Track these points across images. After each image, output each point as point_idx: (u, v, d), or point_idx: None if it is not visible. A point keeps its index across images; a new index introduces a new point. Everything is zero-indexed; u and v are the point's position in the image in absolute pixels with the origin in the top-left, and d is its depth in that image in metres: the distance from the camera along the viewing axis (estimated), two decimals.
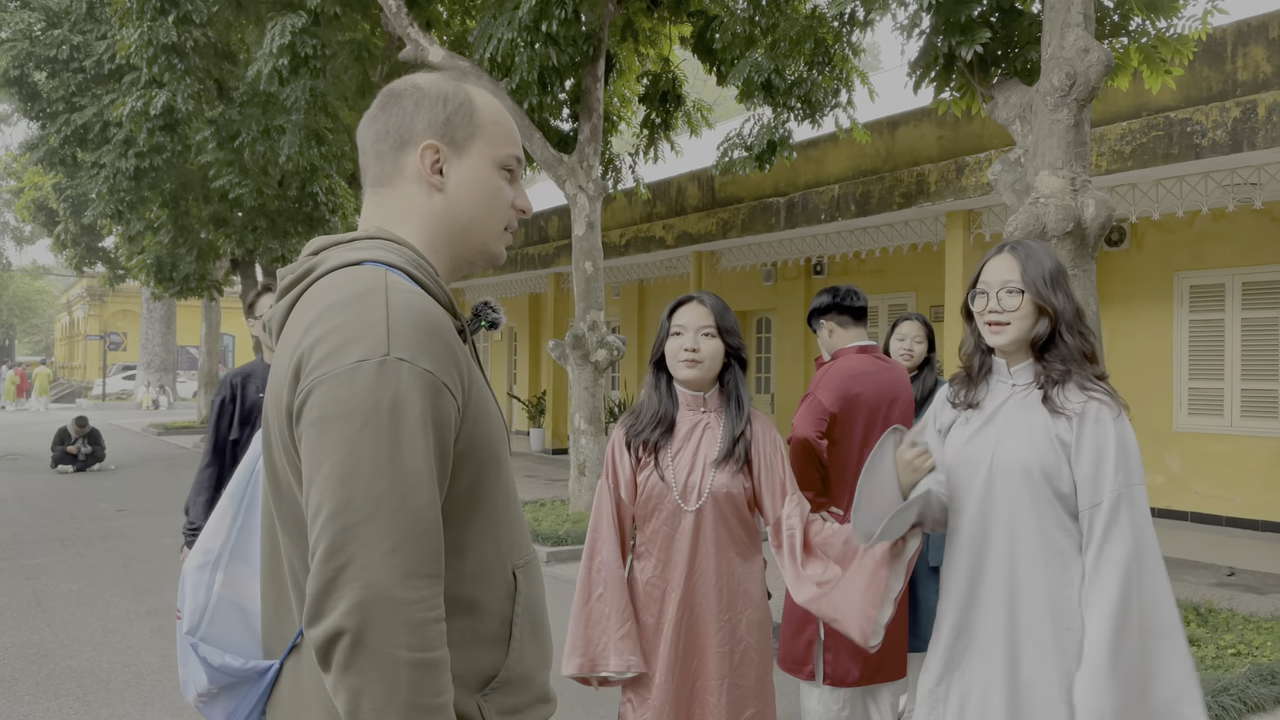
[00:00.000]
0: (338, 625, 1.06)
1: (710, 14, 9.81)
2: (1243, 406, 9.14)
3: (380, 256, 1.26)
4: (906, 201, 9.78)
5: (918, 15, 5.79)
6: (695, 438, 2.59)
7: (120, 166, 14.72)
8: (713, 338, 2.57)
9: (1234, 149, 7.37)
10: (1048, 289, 2.17)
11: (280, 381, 1.20)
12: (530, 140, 9.37)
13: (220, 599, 1.49)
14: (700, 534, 2.53)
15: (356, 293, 1.18)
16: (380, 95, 1.38)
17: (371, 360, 1.11)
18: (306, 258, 1.32)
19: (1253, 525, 9.02)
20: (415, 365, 1.13)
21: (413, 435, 1.11)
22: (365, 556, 1.07)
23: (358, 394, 1.11)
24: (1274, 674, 4.40)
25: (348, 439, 1.10)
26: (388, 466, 1.09)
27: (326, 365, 1.13)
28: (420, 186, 1.33)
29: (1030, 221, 4.96)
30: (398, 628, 1.06)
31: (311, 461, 1.12)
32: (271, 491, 1.27)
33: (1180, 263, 9.54)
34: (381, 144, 1.34)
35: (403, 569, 1.08)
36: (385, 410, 1.10)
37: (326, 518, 1.08)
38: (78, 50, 16.27)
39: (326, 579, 1.07)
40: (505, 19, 8.52)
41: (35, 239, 40.47)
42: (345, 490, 1.08)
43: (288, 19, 9.63)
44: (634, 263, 15.02)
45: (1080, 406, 2.11)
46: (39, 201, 25.70)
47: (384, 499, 1.09)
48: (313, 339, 1.16)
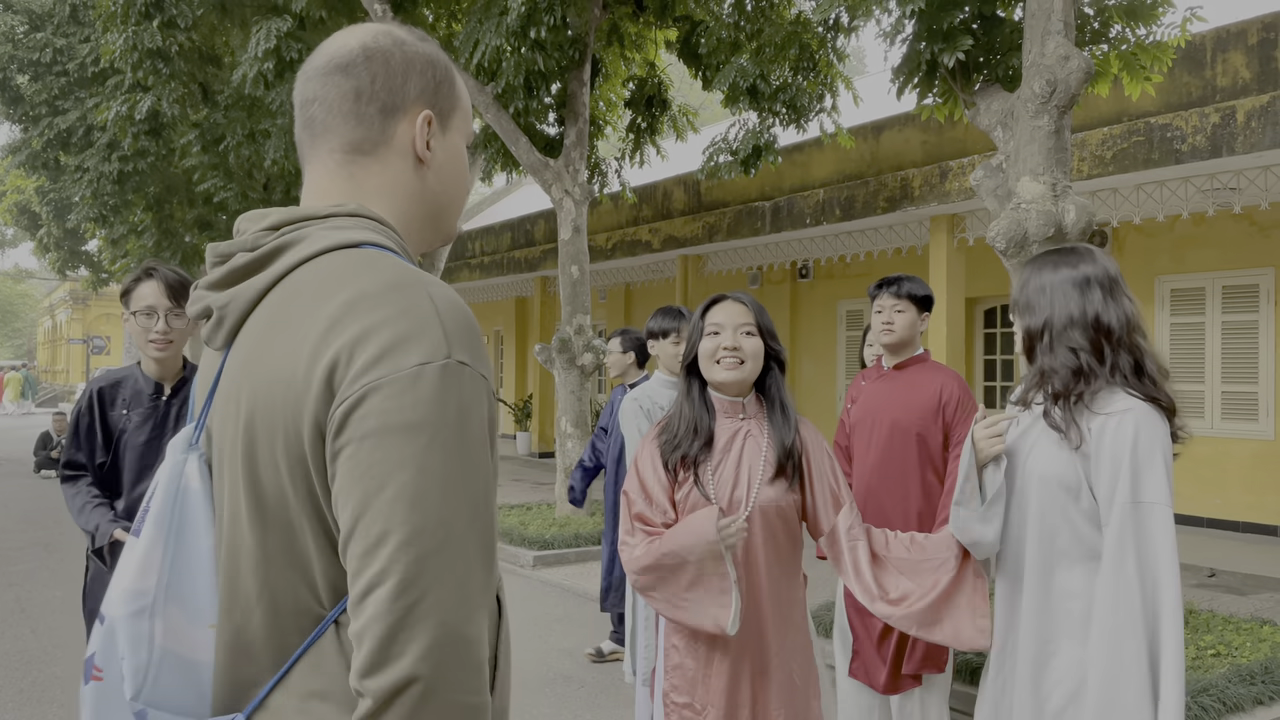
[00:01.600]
0: (411, 672, 0.91)
1: (695, 19, 9.85)
2: (1223, 409, 9.23)
3: (376, 239, 1.09)
4: (891, 206, 9.84)
5: (901, 22, 5.84)
6: (736, 448, 2.37)
7: (104, 170, 14.65)
8: (753, 336, 2.37)
9: (1213, 154, 7.45)
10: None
11: (291, 387, 1.01)
12: (516, 144, 9.38)
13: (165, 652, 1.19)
14: (750, 551, 2.31)
15: (391, 281, 1.01)
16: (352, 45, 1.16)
17: (435, 363, 0.97)
18: (262, 233, 1.12)
19: (1233, 526, 9.11)
20: (475, 369, 1.00)
21: (480, 448, 0.99)
22: (438, 591, 0.93)
23: (424, 401, 0.96)
24: (1253, 674, 4.45)
25: (416, 454, 0.95)
26: (460, 485, 0.97)
27: (382, 368, 0.96)
28: (406, 160, 1.17)
29: (1012, 227, 5.01)
30: (467, 671, 0.94)
31: (368, 481, 0.95)
32: (254, 516, 1.07)
33: (1161, 266, 9.63)
34: (364, 105, 1.14)
35: (471, 603, 0.96)
36: (453, 421, 0.97)
37: (397, 547, 0.93)
38: (61, 54, 16.18)
39: (397, 618, 0.92)
40: (493, 25, 8.53)
41: (17, 242, 40.18)
42: (418, 515, 0.94)
43: (273, 23, 9.62)
44: (620, 266, 15.04)
45: (1103, 418, 2.04)
46: (21, 205, 25.51)
47: (454, 522, 0.96)
48: (350, 336, 0.98)
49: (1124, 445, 2.00)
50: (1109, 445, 2.01)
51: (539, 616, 6.41)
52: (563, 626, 6.21)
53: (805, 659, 2.41)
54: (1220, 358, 9.26)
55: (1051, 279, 2.17)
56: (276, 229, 1.11)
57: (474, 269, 17.82)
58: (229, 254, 1.13)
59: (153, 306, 2.83)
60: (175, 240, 16.63)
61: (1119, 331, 2.11)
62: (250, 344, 1.08)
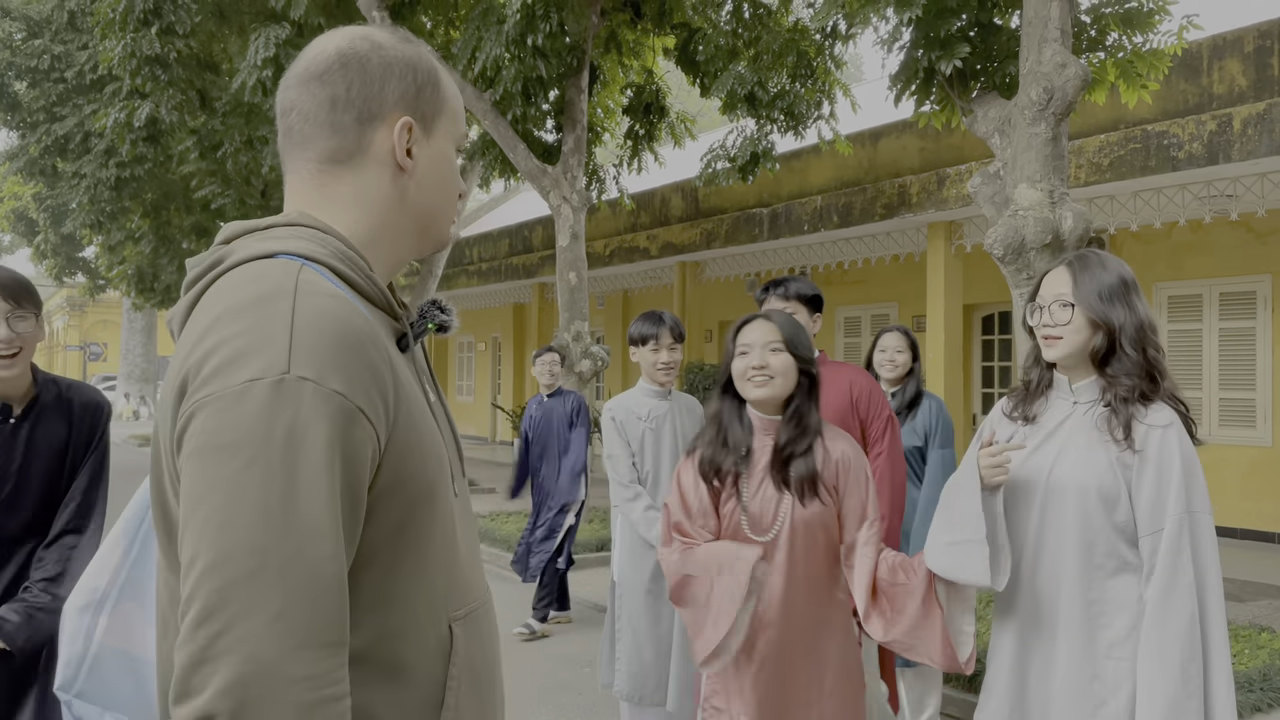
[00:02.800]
0: (208, 708, 0.84)
1: (693, 26, 9.87)
2: (1220, 416, 9.23)
3: (297, 248, 1.04)
4: (888, 213, 9.85)
5: (898, 29, 5.85)
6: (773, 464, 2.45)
7: (101, 176, 14.64)
8: (781, 353, 2.43)
9: (1210, 161, 7.46)
10: (1102, 303, 2.11)
11: (166, 402, 0.99)
12: (514, 151, 9.39)
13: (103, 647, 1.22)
14: (790, 564, 2.37)
15: (258, 295, 0.97)
16: (328, 52, 1.12)
17: (265, 380, 0.91)
18: (217, 247, 1.10)
19: (1231, 534, 9.11)
20: (321, 385, 0.93)
21: (314, 472, 0.91)
22: (246, 623, 0.86)
23: (245, 421, 0.90)
24: (1251, 682, 4.44)
25: (229, 476, 0.89)
26: (279, 511, 0.89)
27: (212, 385, 0.92)
28: (384, 169, 1.12)
29: (1009, 234, 5.01)
30: (285, 711, 0.85)
31: (187, 502, 0.91)
32: (160, 526, 1.05)
33: (1158, 273, 9.64)
34: (339, 114, 1.10)
35: (293, 638, 0.87)
36: (279, 441, 0.90)
37: (201, 573, 0.87)
38: (59, 60, 16.19)
39: (198, 648, 0.86)
40: (491, 32, 8.55)
41: (14, 249, 40.14)
42: (225, 540, 0.88)
43: (271, 30, 9.63)
44: (618, 273, 15.05)
45: (1145, 428, 2.04)
46: (19, 211, 25.51)
47: (272, 551, 0.88)
48: (202, 352, 0.95)
49: (1172, 456, 2.01)
50: (1155, 456, 2.02)
51: None
52: (558, 634, 6.20)
53: (846, 662, 2.45)
54: (1218, 364, 9.27)
55: (1110, 281, 2.13)
56: (227, 240, 1.10)
57: (471, 275, 17.82)
58: (192, 266, 1.12)
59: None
60: (172, 246, 16.62)
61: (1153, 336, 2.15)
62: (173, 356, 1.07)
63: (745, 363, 2.44)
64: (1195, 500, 1.99)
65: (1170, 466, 2.00)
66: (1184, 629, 1.94)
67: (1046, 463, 2.14)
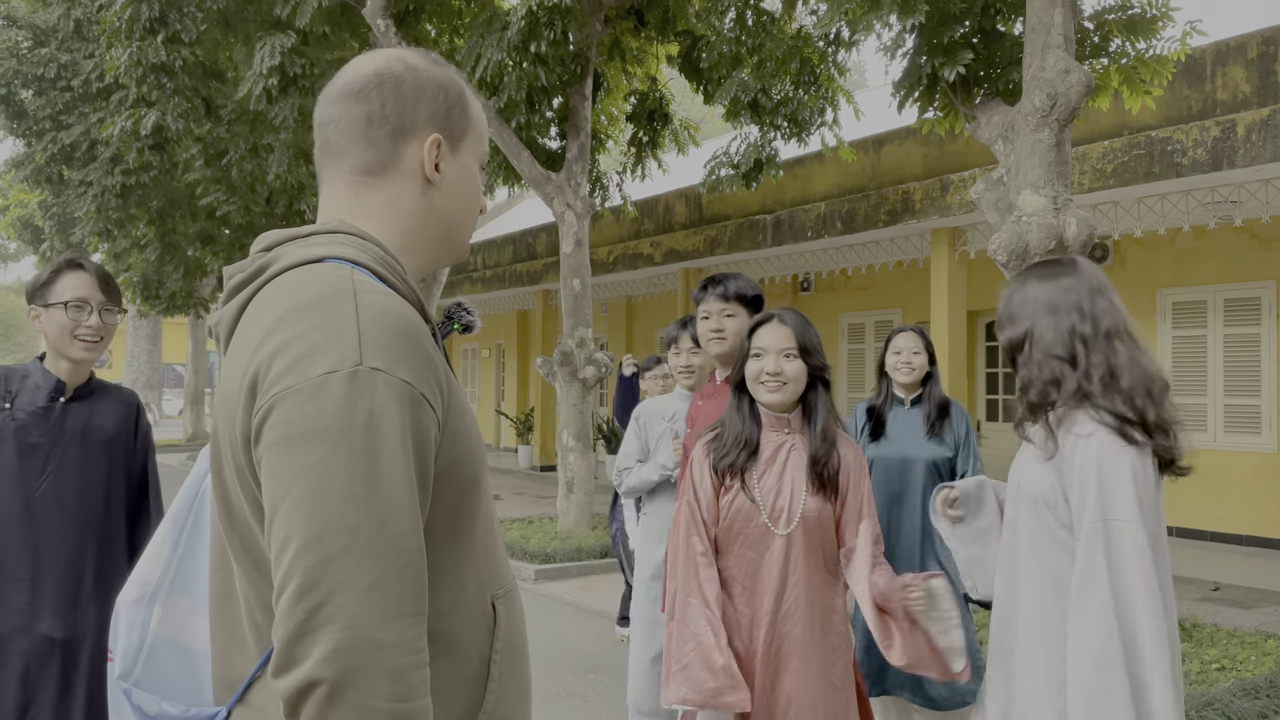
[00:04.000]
0: (312, 675, 0.92)
1: (697, 34, 9.89)
2: (1226, 422, 9.21)
3: (343, 253, 1.12)
4: (892, 219, 9.86)
5: (901, 36, 5.86)
6: (780, 460, 2.50)
7: (107, 184, 14.68)
8: (794, 359, 2.49)
9: (1214, 167, 7.46)
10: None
11: (232, 399, 1.06)
12: (518, 158, 9.41)
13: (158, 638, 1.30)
14: (790, 559, 2.42)
15: (320, 295, 1.04)
16: (367, 71, 1.21)
17: (342, 371, 0.99)
18: (257, 254, 1.17)
19: (1237, 540, 9.08)
20: (391, 375, 1.01)
21: (391, 454, 0.99)
22: (342, 595, 0.93)
23: (328, 410, 0.97)
24: (1258, 689, 4.43)
25: (318, 461, 0.96)
26: (364, 491, 0.96)
27: (290, 378, 0.99)
28: (414, 182, 1.21)
29: (1013, 240, 5.01)
30: (380, 676, 0.93)
31: (276, 488, 0.98)
32: (223, 518, 1.12)
33: (1163, 279, 9.63)
34: (375, 129, 1.19)
35: (383, 608, 0.95)
36: (360, 427, 0.97)
37: (296, 552, 0.94)
38: (65, 69, 16.25)
39: (298, 622, 0.93)
40: (495, 39, 8.57)
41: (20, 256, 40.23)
42: (317, 520, 0.95)
43: (277, 38, 9.67)
44: (622, 280, 15.06)
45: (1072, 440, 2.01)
46: (25, 219, 25.59)
47: (361, 527, 0.95)
48: (271, 349, 1.02)
49: (1090, 463, 1.95)
50: (1078, 463, 1.97)
51: (540, 630, 6.38)
52: (565, 641, 6.19)
53: (846, 662, 2.49)
54: (1222, 371, 9.25)
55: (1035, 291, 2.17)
56: (268, 248, 1.17)
57: (475, 282, 17.84)
58: (233, 274, 1.18)
59: (85, 299, 2.51)
60: (178, 254, 16.66)
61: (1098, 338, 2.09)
62: (226, 358, 1.14)
63: (759, 366, 2.49)
64: (1114, 508, 1.91)
65: (1088, 474, 1.95)
66: (1094, 643, 1.85)
67: (1019, 469, 2.16)
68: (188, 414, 23.72)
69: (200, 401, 23.18)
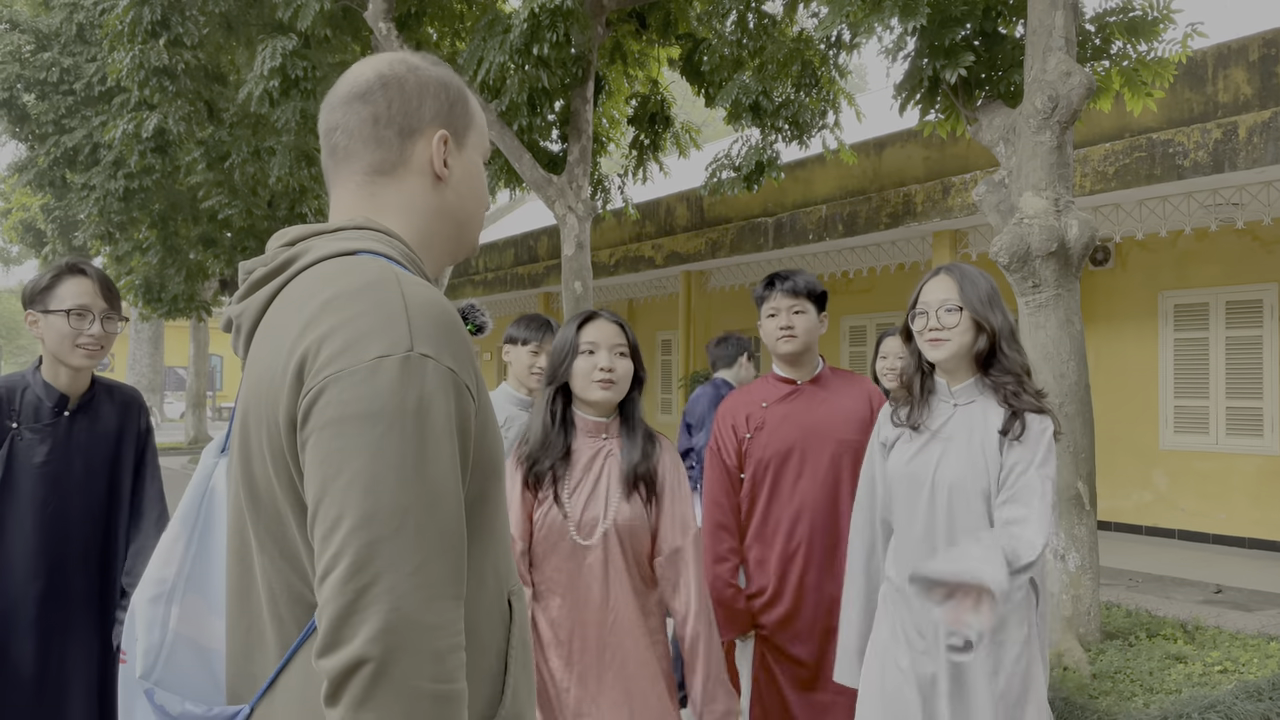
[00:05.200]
0: (360, 654, 0.93)
1: (698, 37, 9.90)
2: (1228, 424, 9.20)
3: (375, 248, 1.14)
4: (893, 222, 9.86)
5: (903, 39, 5.87)
6: (597, 467, 2.40)
7: (109, 187, 14.71)
8: (625, 357, 2.41)
9: (1215, 170, 7.46)
10: (985, 307, 2.29)
11: (271, 384, 1.06)
12: (520, 161, 9.42)
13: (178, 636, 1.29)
14: (607, 568, 2.34)
15: (367, 282, 1.06)
16: (369, 75, 1.23)
17: (395, 356, 1.00)
18: (281, 249, 1.19)
19: (1239, 543, 9.07)
20: (440, 363, 1.03)
21: (439, 439, 1.01)
22: (391, 575, 0.95)
23: (382, 392, 0.99)
24: (1261, 691, 4.42)
25: (372, 442, 0.97)
26: (414, 474, 0.98)
27: (343, 360, 1.00)
28: (425, 178, 1.23)
29: (1015, 242, 5.01)
30: (424, 657, 0.95)
31: (327, 468, 0.98)
32: (249, 506, 1.13)
33: (1164, 282, 9.62)
34: (382, 129, 1.20)
35: (430, 589, 0.96)
36: (411, 411, 0.99)
37: (349, 531, 0.96)
38: (67, 73, 16.28)
39: (348, 601, 0.94)
40: (496, 42, 8.58)
41: (23, 260, 40.31)
42: (371, 500, 0.96)
43: (278, 41, 9.68)
44: (623, 282, 15.07)
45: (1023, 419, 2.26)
46: (27, 222, 25.61)
47: (411, 509, 0.97)
48: (320, 333, 1.03)
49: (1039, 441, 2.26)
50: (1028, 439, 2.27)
51: None
52: None
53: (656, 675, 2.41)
54: (1225, 373, 9.24)
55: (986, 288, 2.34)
56: (292, 244, 1.19)
57: (477, 285, 17.85)
58: (251, 269, 1.20)
59: (87, 306, 2.45)
60: (180, 257, 16.67)
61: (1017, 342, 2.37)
62: (255, 349, 1.14)
63: (592, 363, 2.38)
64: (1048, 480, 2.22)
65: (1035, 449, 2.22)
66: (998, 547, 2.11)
67: (931, 463, 2.32)
68: (189, 417, 23.71)
69: (202, 405, 23.16)
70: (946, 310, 2.31)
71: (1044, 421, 2.25)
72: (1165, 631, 5.45)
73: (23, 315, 2.55)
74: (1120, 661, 4.89)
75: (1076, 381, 5.13)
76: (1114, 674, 4.76)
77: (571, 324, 2.46)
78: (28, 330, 2.48)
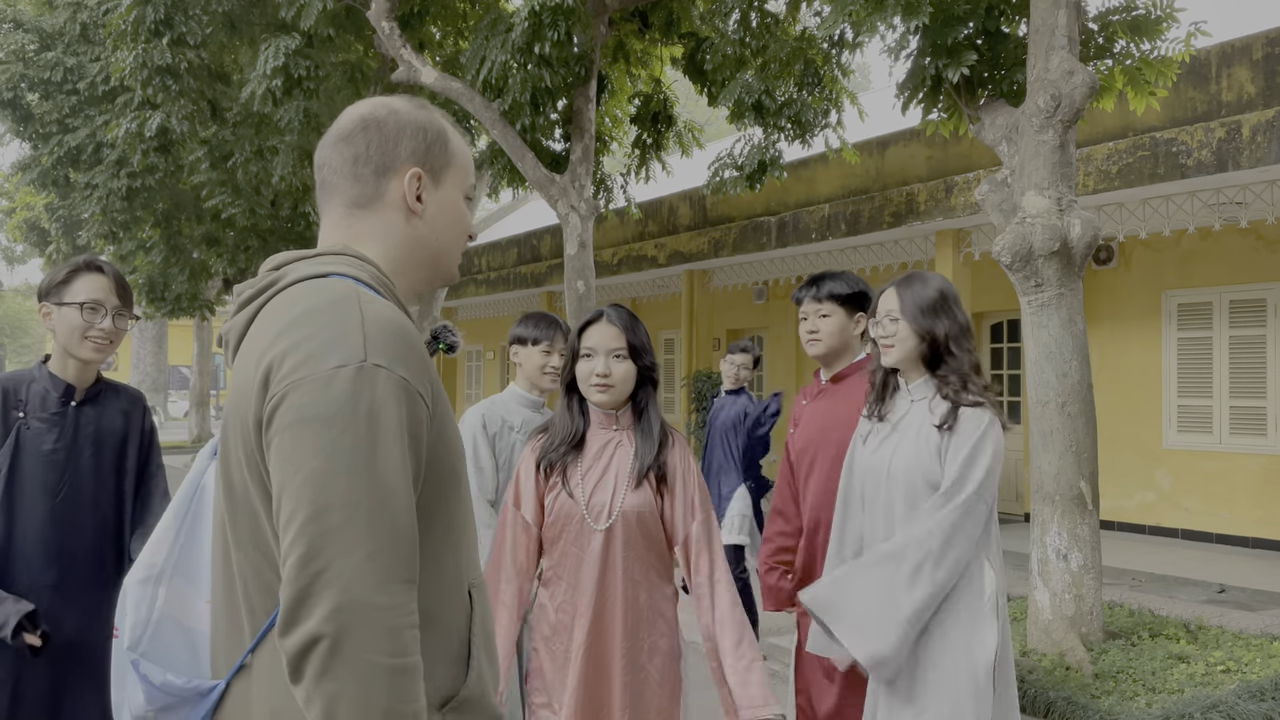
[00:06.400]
0: (315, 631, 1.04)
1: (701, 36, 9.90)
2: (1231, 423, 9.19)
3: (346, 270, 1.27)
4: (896, 221, 9.85)
5: (905, 38, 5.86)
6: (607, 456, 2.50)
7: (113, 187, 14.73)
8: (624, 360, 2.48)
9: (1219, 169, 7.44)
10: (925, 316, 2.56)
11: (245, 391, 1.18)
12: (522, 160, 9.42)
13: (163, 615, 1.44)
14: (609, 555, 2.41)
15: (329, 300, 1.19)
16: (354, 118, 1.37)
17: (350, 366, 1.12)
18: (267, 273, 1.32)
19: (1243, 542, 9.06)
20: (392, 372, 1.14)
21: (389, 440, 1.11)
22: (342, 561, 1.05)
23: (336, 398, 1.10)
24: (1263, 691, 4.41)
25: (326, 443, 1.09)
26: (365, 471, 1.09)
27: (303, 370, 1.12)
28: (399, 212, 1.35)
29: (1017, 241, 5.01)
30: (376, 633, 1.05)
31: (286, 467, 1.10)
32: (227, 503, 1.24)
33: (1168, 281, 9.61)
34: (360, 167, 1.34)
35: (380, 574, 1.07)
36: (364, 415, 1.10)
37: (302, 523, 1.07)
38: (71, 72, 16.30)
39: (303, 585, 1.05)
40: (498, 41, 8.59)
41: (27, 259, 40.39)
42: (323, 495, 1.07)
43: (281, 41, 9.69)
44: (626, 281, 15.07)
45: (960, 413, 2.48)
46: (31, 221, 25.66)
47: (362, 503, 1.08)
48: (284, 345, 1.15)
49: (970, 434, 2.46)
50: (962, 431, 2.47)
51: None
52: None
53: (667, 661, 2.47)
54: (1228, 372, 9.23)
55: (930, 296, 2.58)
56: (277, 268, 1.31)
57: (480, 284, 17.86)
58: (243, 291, 1.33)
59: (100, 301, 2.53)
60: (183, 256, 16.69)
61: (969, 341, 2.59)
62: (237, 360, 1.26)
63: (589, 368, 2.49)
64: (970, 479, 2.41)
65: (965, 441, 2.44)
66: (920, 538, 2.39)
67: (888, 453, 2.59)
68: (193, 416, 23.75)
69: (205, 403, 23.20)
70: (890, 319, 2.61)
71: (980, 415, 2.47)
72: (1168, 631, 5.44)
73: (29, 313, 2.60)
74: (1123, 661, 4.88)
75: (1079, 381, 5.13)
76: (1116, 674, 4.76)
77: (577, 327, 2.57)
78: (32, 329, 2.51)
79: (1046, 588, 5.15)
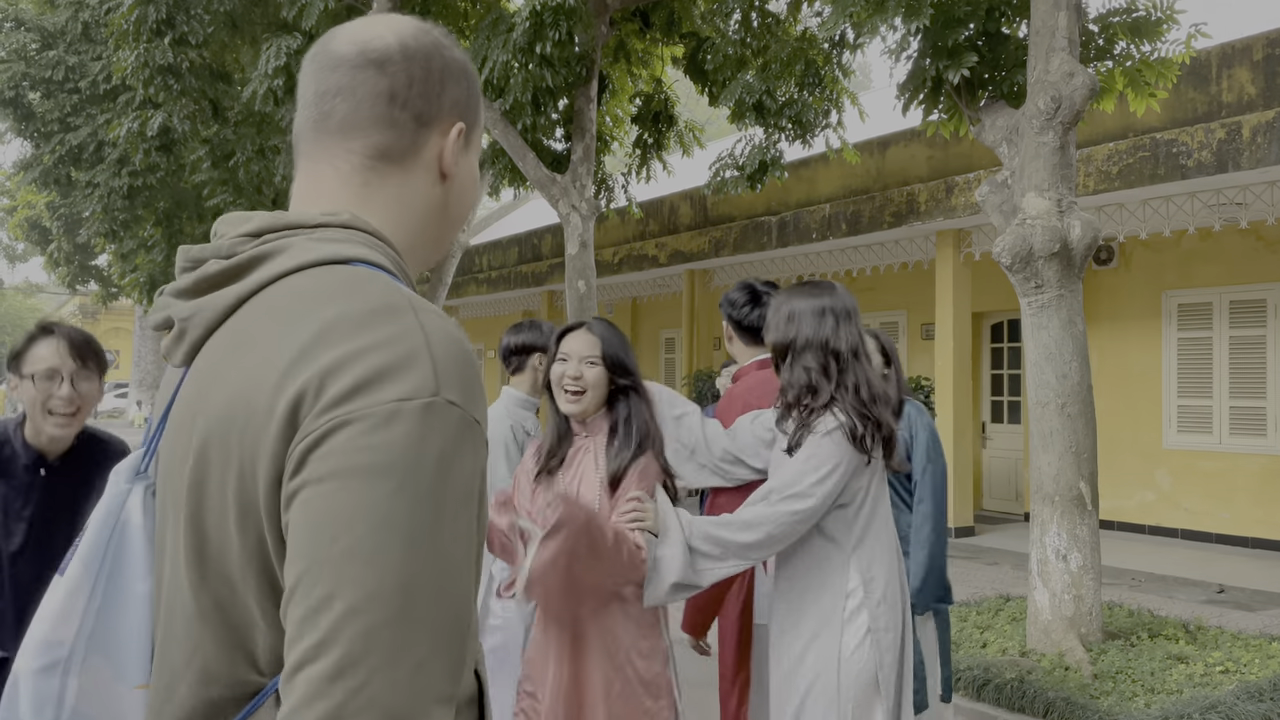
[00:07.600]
0: None
1: (702, 35, 9.91)
2: (1231, 423, 9.20)
3: (369, 256, 0.94)
4: (897, 221, 9.86)
5: (906, 39, 5.87)
6: (576, 463, 2.53)
7: (114, 185, 14.75)
8: (595, 365, 2.49)
9: (1219, 169, 7.45)
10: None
11: (250, 418, 0.86)
12: (524, 160, 9.43)
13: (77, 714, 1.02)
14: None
15: (378, 305, 0.87)
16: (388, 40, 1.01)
17: (417, 400, 0.82)
18: (241, 239, 0.96)
19: (1242, 542, 9.07)
20: (467, 413, 0.85)
21: (457, 504, 0.83)
22: (387, 674, 0.76)
23: (397, 443, 0.80)
24: (1262, 692, 4.42)
25: (380, 503, 0.79)
26: (427, 543, 0.80)
27: (355, 402, 0.81)
28: (431, 174, 1.03)
29: (1017, 242, 5.02)
30: None
31: (319, 532, 0.79)
32: (193, 565, 0.91)
33: (1168, 281, 9.62)
34: (398, 110, 1.00)
35: (430, 692, 0.78)
36: (430, 467, 0.81)
37: (342, 615, 0.77)
38: (73, 71, 16.32)
39: (335, 704, 0.75)
40: (500, 41, 8.60)
41: (28, 257, 40.41)
42: (372, 576, 0.77)
43: (283, 40, 9.71)
44: (627, 281, 15.08)
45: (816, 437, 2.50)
46: (32, 220, 25.68)
47: (419, 590, 0.79)
48: (323, 365, 0.83)
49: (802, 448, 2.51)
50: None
51: None
52: None
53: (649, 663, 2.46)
54: (1228, 373, 9.24)
55: (799, 306, 2.55)
56: (257, 235, 0.96)
57: (481, 283, 17.87)
58: (201, 259, 0.97)
59: (55, 369, 2.32)
60: None
61: (847, 355, 2.50)
62: (212, 364, 0.93)
63: (562, 371, 2.50)
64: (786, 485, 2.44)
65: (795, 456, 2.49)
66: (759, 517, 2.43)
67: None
68: None
69: None
70: None
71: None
72: (1167, 631, 5.45)
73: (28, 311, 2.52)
74: (1122, 661, 4.89)
75: (1079, 382, 5.14)
76: (1115, 674, 4.77)
77: (558, 332, 2.60)
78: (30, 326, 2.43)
79: (1046, 588, 5.17)
